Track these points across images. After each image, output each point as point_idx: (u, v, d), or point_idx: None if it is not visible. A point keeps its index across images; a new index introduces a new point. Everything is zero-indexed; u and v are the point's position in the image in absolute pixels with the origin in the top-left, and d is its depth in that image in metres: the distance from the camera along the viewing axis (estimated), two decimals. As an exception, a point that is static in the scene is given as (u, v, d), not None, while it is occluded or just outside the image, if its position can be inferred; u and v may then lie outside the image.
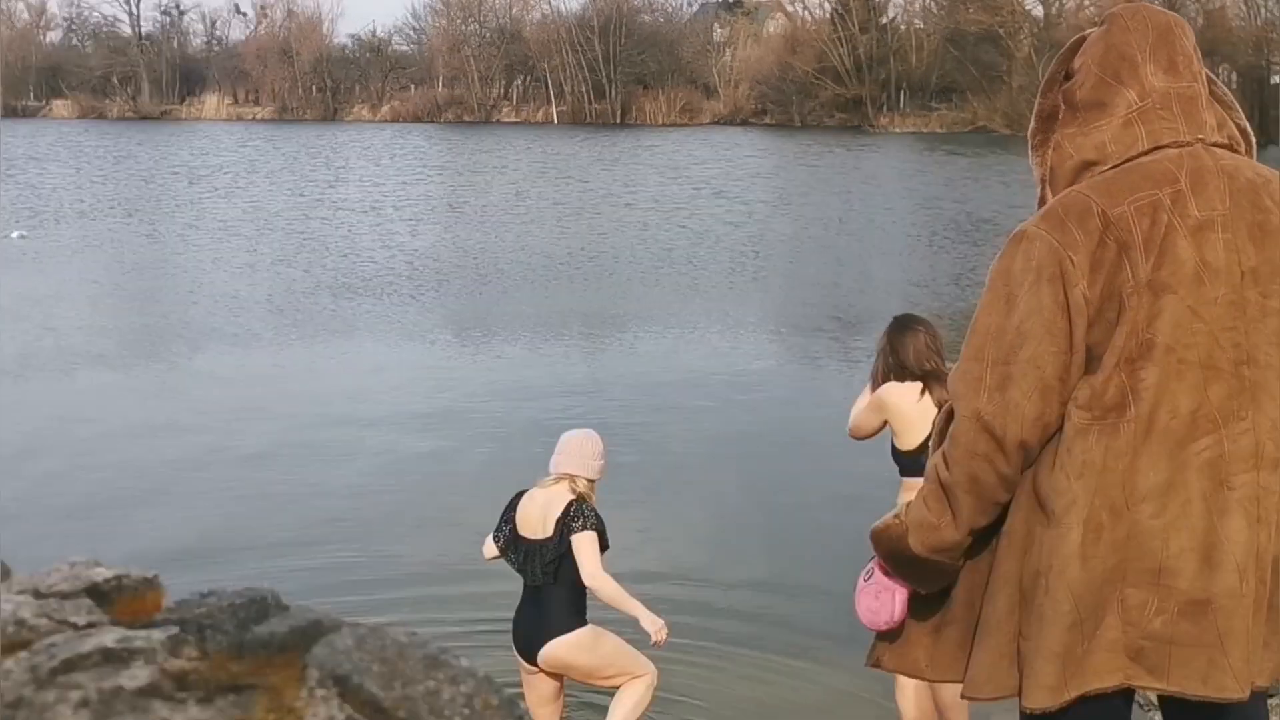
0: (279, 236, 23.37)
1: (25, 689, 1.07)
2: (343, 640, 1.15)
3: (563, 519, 4.94)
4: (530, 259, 20.68)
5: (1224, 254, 2.62)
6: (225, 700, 1.09)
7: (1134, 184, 2.65)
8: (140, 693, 1.08)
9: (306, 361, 13.33)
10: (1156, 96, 2.72)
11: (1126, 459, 2.60)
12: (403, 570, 7.24)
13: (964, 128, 59.09)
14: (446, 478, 8.99)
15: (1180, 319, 2.60)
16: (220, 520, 8.06)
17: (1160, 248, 2.61)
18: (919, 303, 16.63)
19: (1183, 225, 2.62)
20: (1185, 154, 2.68)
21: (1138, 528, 2.61)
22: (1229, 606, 2.61)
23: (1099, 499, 2.61)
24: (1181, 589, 2.61)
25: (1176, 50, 2.76)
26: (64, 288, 17.60)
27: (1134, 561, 2.61)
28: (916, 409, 4.82)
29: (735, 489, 8.73)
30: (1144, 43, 2.75)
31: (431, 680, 1.13)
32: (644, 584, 6.80)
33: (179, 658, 1.13)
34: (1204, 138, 2.72)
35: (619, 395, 11.45)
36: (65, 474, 9.05)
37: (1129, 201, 2.63)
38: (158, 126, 65.45)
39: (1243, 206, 2.66)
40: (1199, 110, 2.75)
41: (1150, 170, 2.67)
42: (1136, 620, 2.62)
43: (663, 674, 5.92)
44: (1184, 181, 2.64)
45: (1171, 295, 2.60)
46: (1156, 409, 2.60)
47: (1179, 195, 2.63)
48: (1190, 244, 2.61)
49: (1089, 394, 2.62)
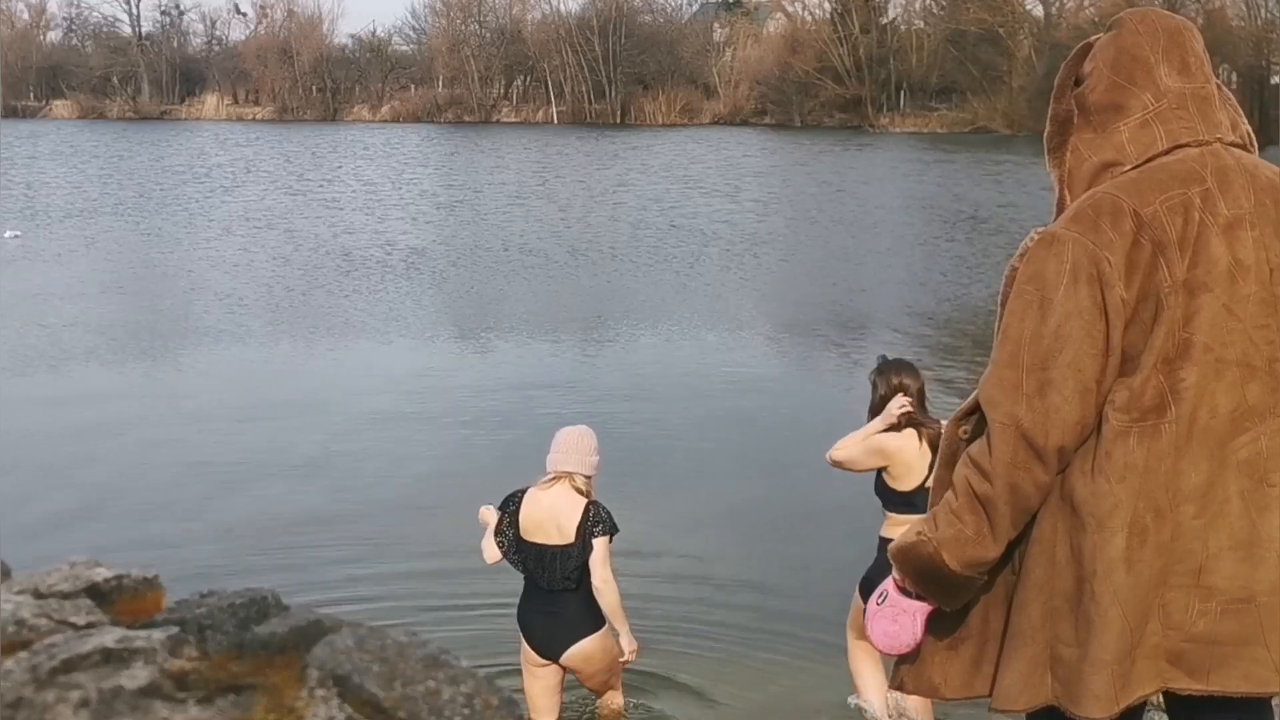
0: (277, 235, 23.36)
1: (25, 689, 1.07)
2: (343, 640, 1.15)
3: (584, 525, 4.94)
4: (530, 258, 20.67)
5: (1254, 251, 2.63)
6: (225, 700, 1.10)
7: (1162, 183, 2.64)
8: (140, 693, 1.08)
9: (305, 360, 13.33)
10: (1172, 97, 2.72)
11: (1169, 460, 2.59)
12: (402, 566, 7.24)
13: (964, 128, 59.08)
14: (447, 473, 8.99)
15: (1217, 318, 2.59)
16: (220, 519, 8.06)
17: (1195, 246, 2.60)
18: (917, 301, 16.63)
19: (1215, 223, 2.62)
20: (1207, 153, 2.69)
21: (1180, 529, 2.61)
22: (1271, 603, 2.61)
23: (1143, 502, 2.59)
24: (1221, 587, 2.60)
25: (1188, 52, 2.77)
26: (58, 286, 17.59)
27: (1175, 564, 2.61)
28: (917, 455, 5.02)
29: (733, 486, 8.73)
30: (1155, 45, 2.76)
31: (431, 680, 1.13)
32: (643, 582, 6.81)
33: (179, 658, 1.13)
34: (1221, 137, 2.73)
35: (617, 392, 11.45)
36: (64, 473, 9.05)
37: (1160, 201, 2.62)
38: (157, 126, 65.46)
39: (1265, 204, 2.67)
40: (1214, 110, 2.75)
41: (1175, 169, 2.66)
42: (1179, 624, 2.61)
43: (665, 672, 5.92)
44: (1210, 180, 2.64)
45: (1208, 294, 2.59)
46: (1197, 409, 2.59)
47: (1208, 194, 2.63)
48: (1223, 242, 2.61)
49: (1127, 396, 2.60)
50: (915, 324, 15.33)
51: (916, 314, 15.95)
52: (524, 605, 5.14)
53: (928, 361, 13.62)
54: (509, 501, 5.13)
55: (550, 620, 5.03)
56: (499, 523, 5.11)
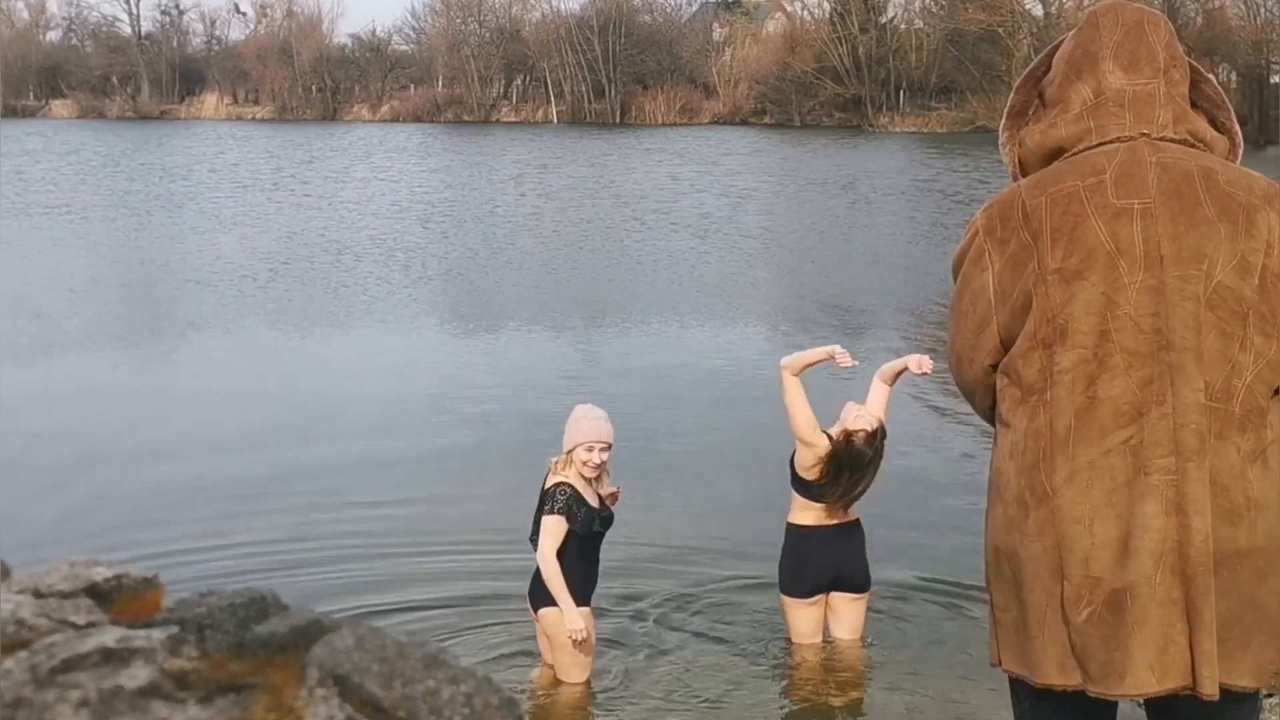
0: (276, 234, 23.36)
1: (25, 689, 1.07)
2: (343, 640, 1.15)
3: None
4: (528, 257, 20.68)
5: (1142, 240, 2.66)
6: (225, 700, 1.10)
7: (1062, 174, 2.76)
8: (140, 692, 1.08)
9: (303, 359, 13.33)
10: (1111, 94, 2.79)
11: (1045, 441, 2.66)
12: (399, 566, 7.24)
13: (964, 127, 59.07)
14: (449, 468, 8.99)
15: (1092, 304, 2.64)
16: (219, 518, 8.05)
17: (1070, 236, 2.67)
18: (915, 300, 16.64)
19: (1097, 213, 2.68)
20: (1123, 148, 2.75)
21: (1060, 514, 2.63)
22: (1144, 594, 2.58)
23: (1023, 479, 2.69)
24: (1103, 578, 2.61)
25: (1140, 46, 2.81)
26: (55, 281, 17.59)
27: (1066, 552, 2.64)
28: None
29: (733, 482, 8.72)
30: (1110, 39, 2.81)
31: (431, 680, 1.13)
32: (641, 576, 6.82)
33: (179, 657, 1.13)
34: (1149, 132, 2.77)
35: (617, 388, 11.44)
36: (62, 472, 9.05)
37: (1048, 193, 2.73)
38: (157, 126, 65.44)
39: (1171, 195, 2.69)
40: (1153, 106, 2.80)
41: (1083, 163, 2.76)
42: (1071, 616, 2.64)
43: (668, 671, 5.92)
44: (1109, 172, 2.71)
45: (1082, 281, 2.65)
46: (1073, 393, 2.64)
47: (1098, 185, 2.70)
48: (1105, 231, 2.66)
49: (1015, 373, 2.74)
50: (913, 322, 15.34)
51: (913, 313, 15.97)
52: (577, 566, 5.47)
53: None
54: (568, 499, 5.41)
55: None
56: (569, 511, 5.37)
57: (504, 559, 7.08)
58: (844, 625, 5.95)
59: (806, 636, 5.90)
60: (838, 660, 5.88)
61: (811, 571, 5.80)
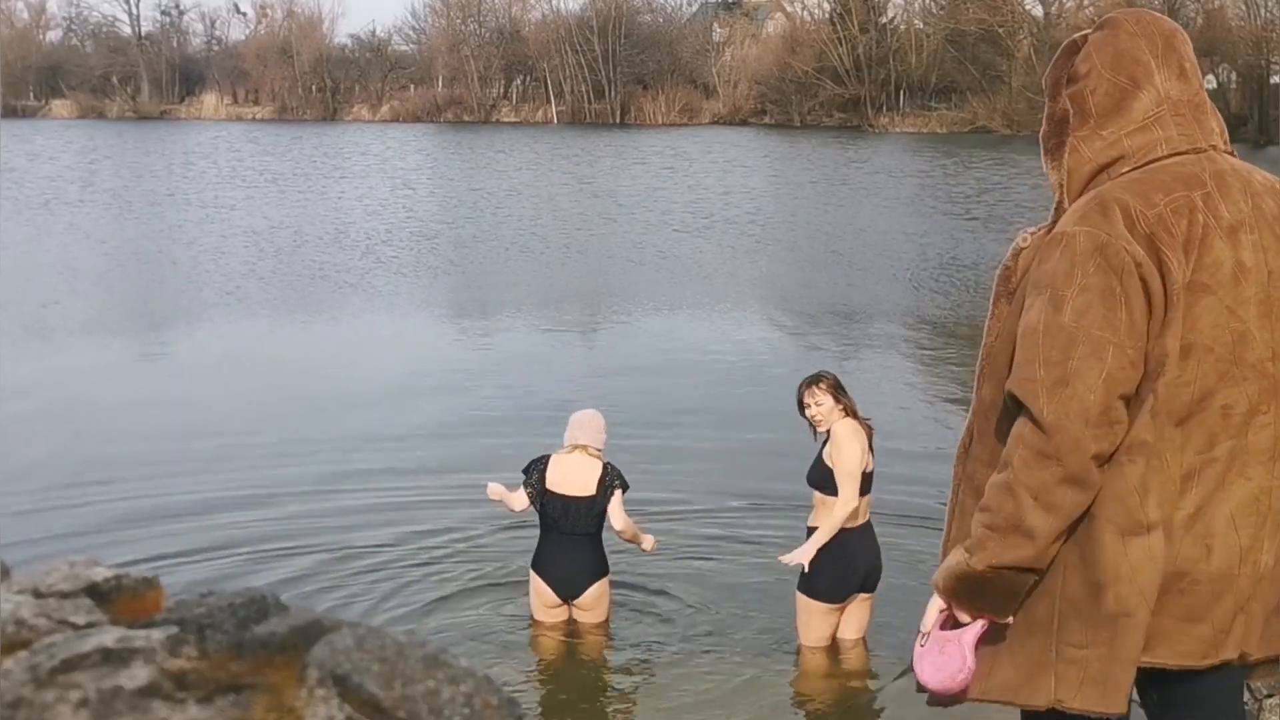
0: (275, 232, 23.36)
1: (25, 689, 1.07)
2: (343, 640, 1.15)
3: (603, 480, 6.02)
4: (527, 257, 20.69)
5: (1253, 254, 2.67)
6: (225, 700, 1.10)
7: (1165, 185, 2.66)
8: (140, 692, 1.08)
9: (303, 359, 13.33)
10: (1171, 103, 2.75)
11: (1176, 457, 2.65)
12: (399, 566, 7.24)
13: (964, 128, 59.10)
14: (452, 457, 8.98)
15: (1219, 319, 2.63)
16: (219, 517, 8.05)
17: (1200, 248, 2.63)
18: (914, 299, 16.64)
19: (1218, 226, 2.65)
20: (1204, 158, 2.72)
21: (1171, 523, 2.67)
22: (1220, 590, 2.68)
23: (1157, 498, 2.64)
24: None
25: (1185, 57, 2.80)
26: (55, 281, 17.60)
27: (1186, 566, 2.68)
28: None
29: (733, 479, 8.72)
30: (1154, 48, 2.78)
31: (431, 680, 1.13)
32: (643, 570, 6.82)
33: (179, 657, 1.13)
34: (1215, 144, 2.77)
35: (618, 380, 11.45)
36: (61, 471, 9.05)
37: (1164, 202, 2.64)
38: (157, 126, 65.45)
39: (1261, 209, 2.72)
40: (1208, 117, 2.80)
41: (1176, 172, 2.69)
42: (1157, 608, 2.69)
43: (668, 670, 5.92)
44: (1210, 184, 2.68)
45: (1210, 296, 2.62)
46: (1197, 408, 2.64)
47: (1209, 197, 2.66)
48: (1227, 245, 2.64)
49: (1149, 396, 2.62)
50: (911, 321, 15.34)
51: (912, 312, 15.96)
52: (543, 553, 6.08)
53: (922, 357, 13.64)
54: (534, 465, 6.10)
55: (574, 562, 6.03)
56: (527, 478, 6.07)
57: (504, 558, 7.09)
58: (853, 625, 5.93)
59: (823, 640, 5.89)
60: (845, 661, 5.89)
61: (856, 573, 5.77)
